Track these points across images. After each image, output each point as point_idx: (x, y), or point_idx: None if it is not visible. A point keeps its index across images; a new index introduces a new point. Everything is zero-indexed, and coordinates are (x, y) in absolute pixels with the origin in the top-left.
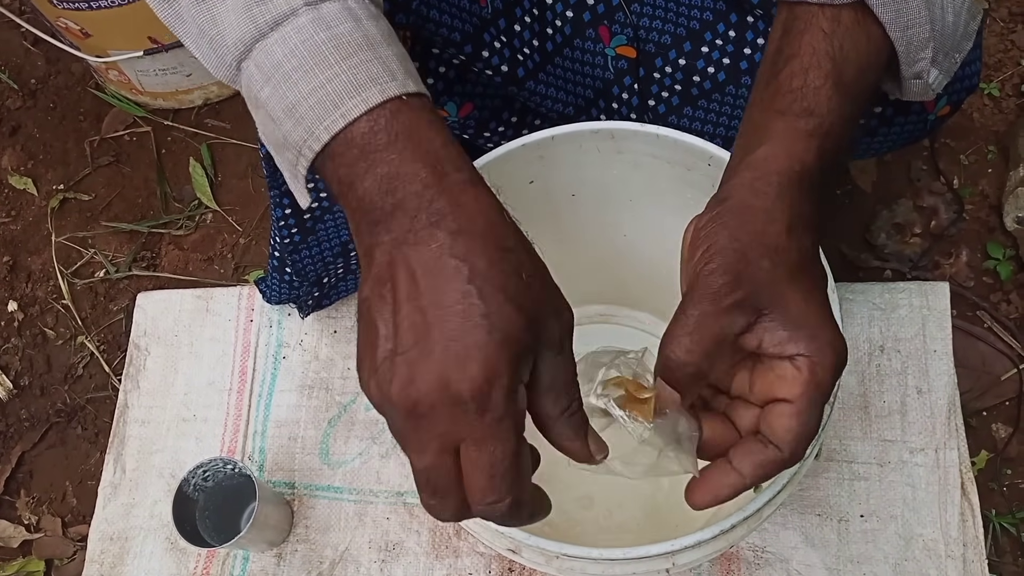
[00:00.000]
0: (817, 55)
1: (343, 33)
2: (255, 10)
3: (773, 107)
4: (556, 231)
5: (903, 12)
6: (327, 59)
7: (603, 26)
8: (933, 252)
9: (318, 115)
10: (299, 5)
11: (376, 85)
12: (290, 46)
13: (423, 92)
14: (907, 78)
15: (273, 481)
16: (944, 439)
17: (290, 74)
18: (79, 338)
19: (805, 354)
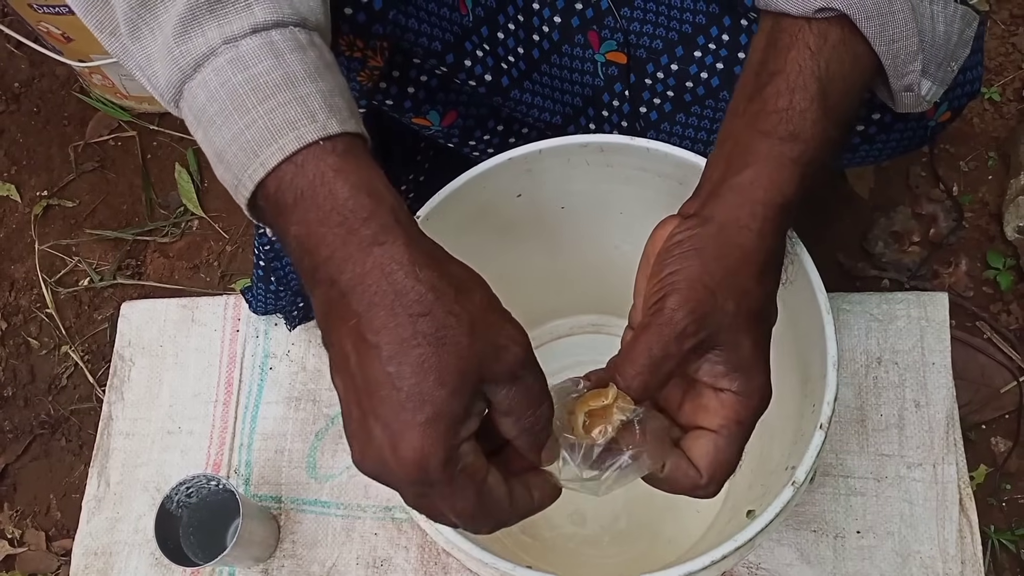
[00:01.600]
0: (803, 75)
1: (261, 72)
2: (176, 52)
3: (757, 126)
4: (546, 243)
5: (888, 25)
6: (244, 103)
7: (592, 31)
8: (932, 261)
9: (241, 163)
10: (218, 44)
11: (293, 130)
12: (210, 89)
13: (348, 130)
14: (897, 91)
15: (259, 495)
16: (942, 454)
17: (213, 119)
18: (63, 348)
19: (734, 391)
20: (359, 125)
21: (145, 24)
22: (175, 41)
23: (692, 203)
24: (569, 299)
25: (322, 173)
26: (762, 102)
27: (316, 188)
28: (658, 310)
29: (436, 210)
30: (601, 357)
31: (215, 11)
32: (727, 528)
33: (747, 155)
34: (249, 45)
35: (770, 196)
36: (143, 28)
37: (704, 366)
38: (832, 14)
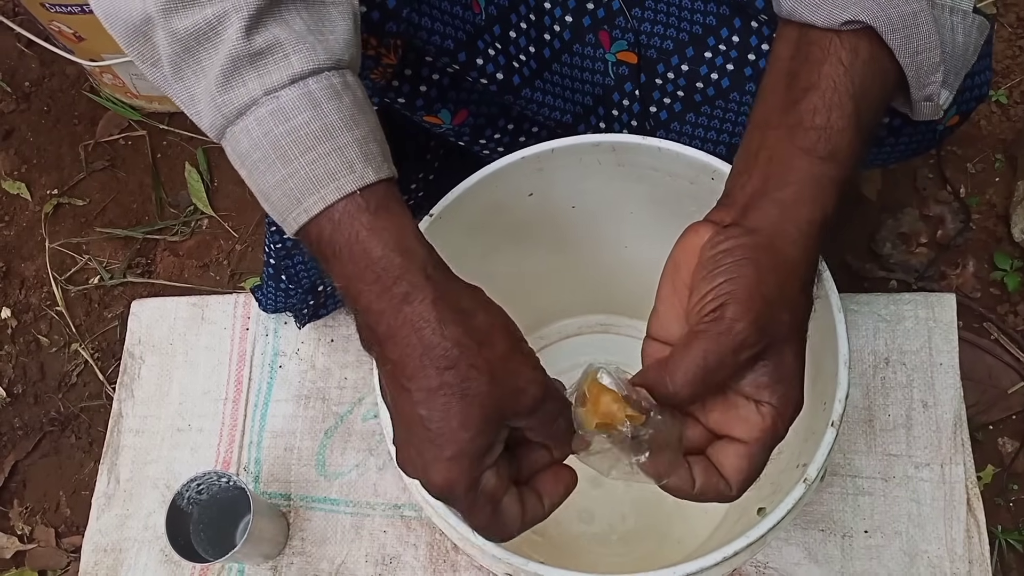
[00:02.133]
0: (839, 93)
1: (301, 125)
2: (219, 100)
3: (796, 142)
4: (556, 242)
5: (913, 37)
6: (287, 154)
7: (603, 31)
8: (939, 262)
9: (285, 207)
10: (259, 95)
11: (333, 181)
12: (254, 138)
13: (382, 176)
14: (917, 101)
15: (269, 493)
16: (950, 454)
17: (257, 164)
18: (73, 345)
19: (774, 405)
20: (391, 167)
21: (189, 68)
22: (218, 90)
23: (726, 212)
24: (578, 298)
25: (357, 232)
26: (798, 117)
27: (352, 246)
28: (716, 319)
29: (449, 208)
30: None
31: (255, 63)
32: (736, 527)
33: (788, 172)
34: (288, 96)
35: (814, 214)
36: (187, 71)
37: (748, 377)
38: (858, 26)
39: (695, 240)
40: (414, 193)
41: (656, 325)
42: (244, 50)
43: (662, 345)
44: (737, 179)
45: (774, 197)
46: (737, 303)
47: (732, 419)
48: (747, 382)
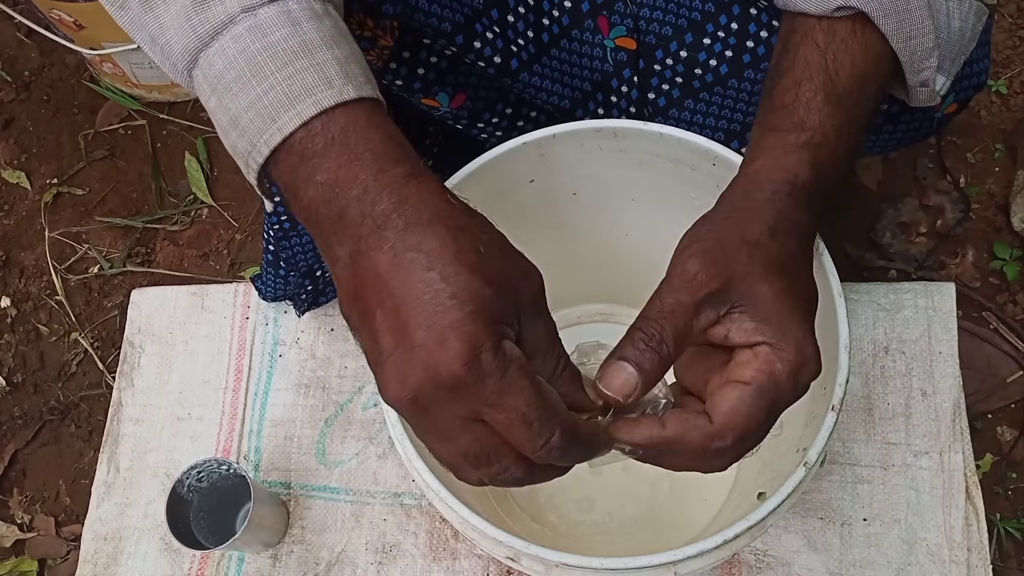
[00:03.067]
0: (810, 68)
1: (279, 40)
2: (195, 19)
3: (767, 124)
4: (557, 229)
5: (905, 22)
6: (263, 70)
7: (602, 16)
8: (939, 252)
9: (258, 128)
10: (236, 12)
11: (310, 96)
12: (228, 56)
13: (364, 95)
14: (913, 86)
15: (269, 481)
16: (949, 442)
17: (230, 86)
18: (73, 335)
19: (768, 342)
20: (375, 91)
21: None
22: (193, 9)
23: None
24: (578, 287)
25: (355, 120)
26: (771, 102)
27: (348, 133)
28: (671, 267)
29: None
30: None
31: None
32: (735, 514)
33: (757, 151)
34: (267, 13)
35: (778, 175)
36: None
37: (732, 327)
38: (851, 12)
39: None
40: None
41: None
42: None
43: None
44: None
45: (740, 175)
46: (693, 255)
47: (733, 367)
48: (735, 332)
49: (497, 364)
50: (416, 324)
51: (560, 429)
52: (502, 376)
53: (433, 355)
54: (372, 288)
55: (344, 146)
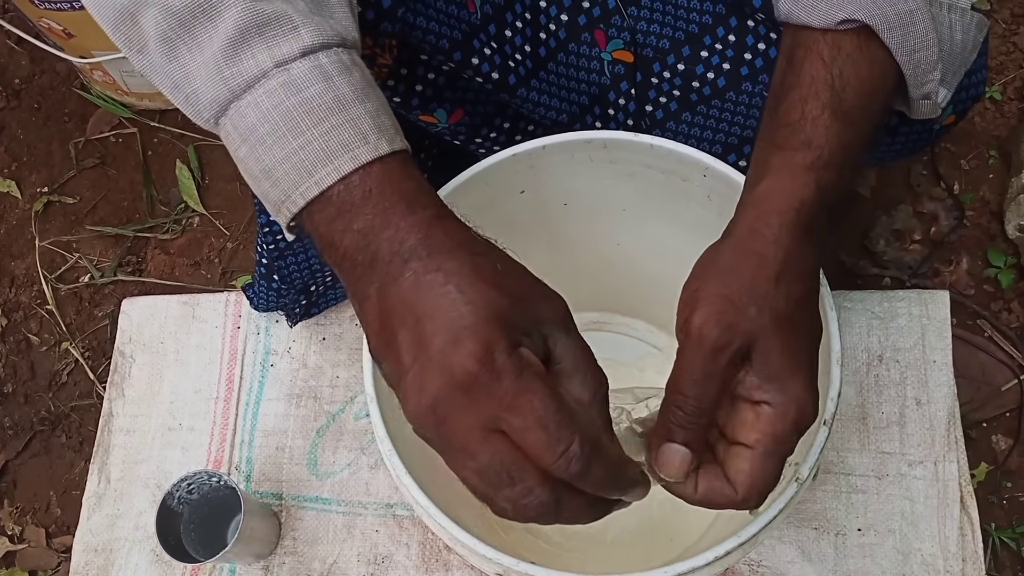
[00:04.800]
0: (816, 84)
1: (313, 96)
2: (226, 72)
3: (773, 141)
4: (548, 240)
5: (910, 35)
6: (299, 125)
7: (599, 30)
8: (933, 259)
9: (293, 181)
10: (269, 67)
11: (348, 152)
12: (263, 110)
13: (397, 148)
14: (916, 99)
15: (260, 492)
16: (943, 451)
17: (264, 138)
18: (63, 344)
19: (769, 403)
20: (404, 141)
21: (184, 44)
22: (225, 62)
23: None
24: (570, 296)
25: (389, 173)
26: (777, 118)
27: (384, 185)
28: (686, 331)
29: None
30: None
31: (264, 34)
32: (729, 526)
33: (763, 170)
34: (300, 68)
35: (784, 203)
36: (181, 48)
37: (744, 379)
38: (855, 25)
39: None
40: None
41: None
42: (252, 20)
43: None
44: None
45: (748, 199)
46: (700, 309)
47: (737, 424)
48: (744, 385)
49: (512, 364)
50: (433, 333)
51: (580, 437)
52: (518, 376)
53: (448, 358)
54: (395, 314)
55: (380, 196)
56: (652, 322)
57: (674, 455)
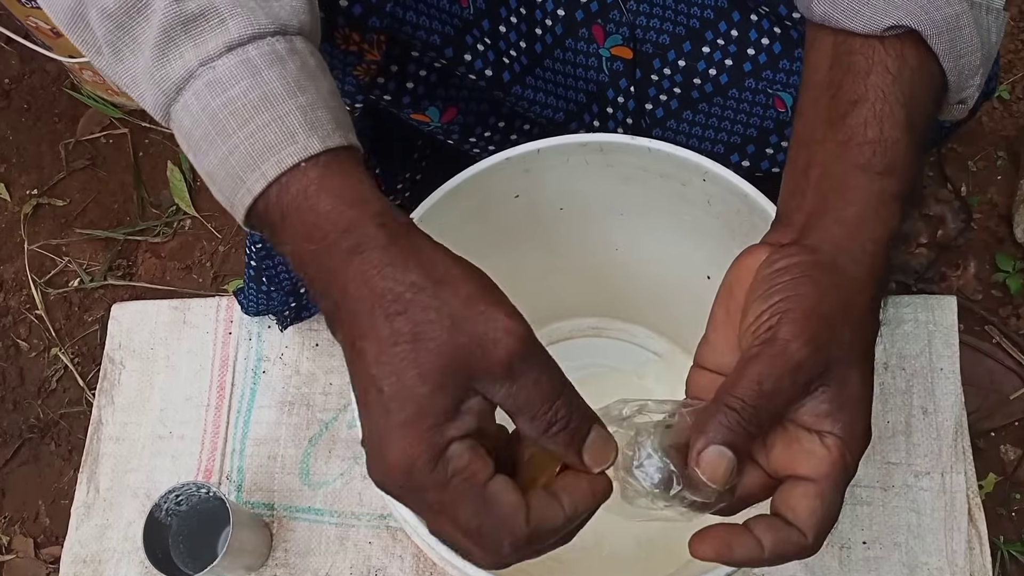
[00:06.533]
0: (889, 103)
1: (239, 95)
2: (157, 75)
3: (851, 159)
4: (545, 244)
5: (956, 41)
6: (225, 128)
7: (597, 25)
8: (940, 263)
9: (231, 188)
10: (195, 66)
11: (273, 155)
12: (193, 114)
13: (331, 146)
14: (952, 103)
15: (252, 502)
16: (951, 462)
17: (199, 143)
18: (53, 350)
19: (839, 435)
20: (345, 136)
21: (126, 46)
22: (154, 65)
23: (783, 232)
24: (569, 301)
25: (304, 189)
26: (848, 131)
27: (299, 204)
28: (769, 339)
29: (431, 211)
30: (602, 360)
31: (190, 31)
32: None
33: (847, 190)
34: (226, 65)
35: (879, 233)
36: (124, 50)
37: (807, 405)
38: (901, 31)
39: (750, 262)
40: (400, 193)
41: (707, 353)
42: (175, 17)
43: (712, 375)
44: (790, 200)
45: (836, 216)
46: (792, 322)
47: (796, 455)
48: (807, 411)
49: (434, 479)
50: (368, 421)
51: (510, 541)
52: (443, 490)
53: (378, 460)
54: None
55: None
56: (652, 328)
57: (721, 457)
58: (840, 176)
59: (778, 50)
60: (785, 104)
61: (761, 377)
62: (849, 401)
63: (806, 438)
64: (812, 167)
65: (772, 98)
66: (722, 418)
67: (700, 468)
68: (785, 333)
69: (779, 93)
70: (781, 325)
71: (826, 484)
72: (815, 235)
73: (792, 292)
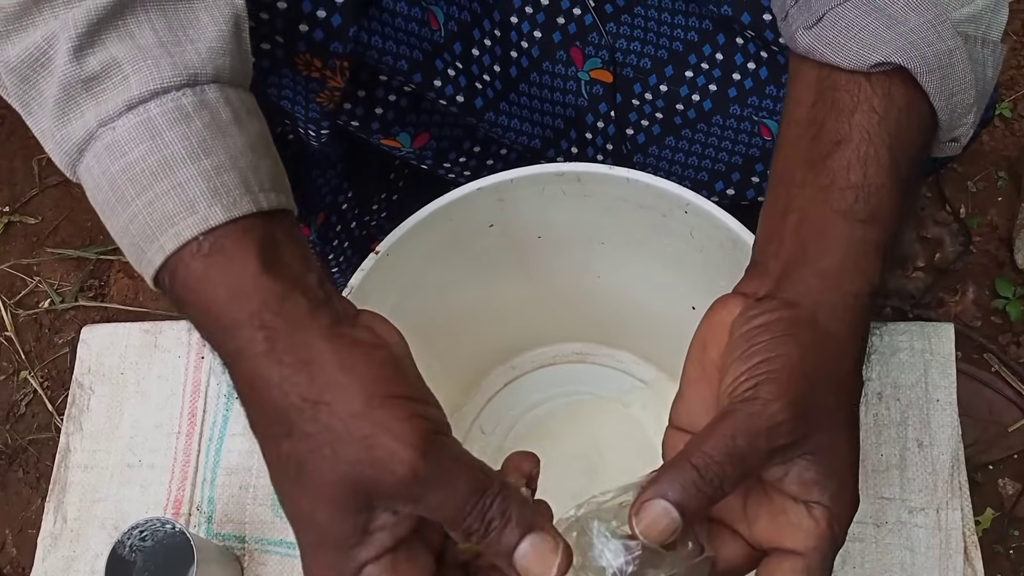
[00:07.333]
0: (874, 145)
1: (137, 160)
2: (58, 135)
3: (831, 204)
4: (523, 273)
5: (948, 79)
6: (124, 196)
7: (575, 48)
8: (937, 288)
9: (135, 258)
10: (94, 127)
11: (172, 227)
12: (94, 177)
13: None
14: (943, 142)
15: (222, 534)
16: (946, 498)
17: (102, 208)
18: (22, 373)
19: (827, 505)
20: (257, 199)
21: (33, 100)
22: (55, 124)
23: (758, 282)
24: (551, 328)
25: (185, 283)
26: (830, 175)
27: (186, 298)
28: (748, 399)
29: (399, 243)
30: (586, 388)
31: (91, 88)
32: None
33: (826, 238)
34: (124, 126)
35: (859, 286)
36: (32, 104)
37: (792, 473)
38: (889, 68)
39: (724, 316)
40: (376, 214)
41: (681, 413)
42: (75, 75)
43: (688, 436)
44: (767, 246)
45: (814, 267)
46: (774, 382)
47: (782, 527)
48: (792, 480)
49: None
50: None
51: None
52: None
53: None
54: None
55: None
56: (637, 353)
57: (663, 515)
58: (820, 223)
59: (764, 75)
60: (771, 132)
61: (736, 432)
62: (838, 469)
63: (792, 509)
64: (791, 211)
65: (758, 125)
66: (679, 474)
67: (636, 519)
68: (766, 393)
69: (765, 120)
70: (762, 385)
71: (814, 558)
72: (792, 288)
73: (773, 352)
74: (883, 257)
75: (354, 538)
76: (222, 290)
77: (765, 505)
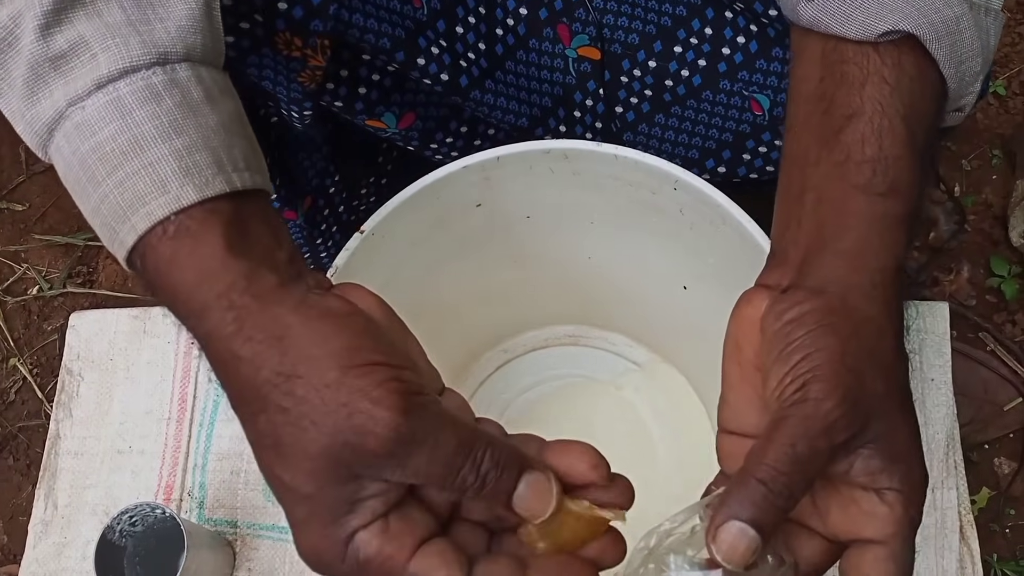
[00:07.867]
0: (888, 116)
1: (107, 139)
2: (28, 115)
3: (848, 179)
4: (512, 253)
5: (958, 45)
6: (95, 176)
7: (562, 24)
8: (931, 267)
9: (107, 238)
10: (63, 107)
11: (143, 206)
12: (65, 157)
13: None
14: (949, 111)
15: (214, 520)
16: (942, 477)
17: (73, 187)
18: (11, 360)
19: (898, 489)
20: (231, 178)
21: (2, 80)
22: (25, 105)
23: (780, 272)
24: (542, 310)
25: (155, 267)
26: (844, 150)
27: (157, 282)
28: (799, 401)
29: (384, 223)
30: (579, 370)
31: (59, 67)
32: None
33: (845, 216)
34: (94, 105)
35: (884, 262)
36: (1, 85)
37: (857, 464)
38: (897, 36)
39: (751, 312)
40: (364, 198)
41: (729, 417)
42: (42, 54)
43: (740, 439)
44: (784, 231)
45: (836, 248)
46: (821, 380)
47: (856, 517)
48: (859, 470)
49: (348, 570)
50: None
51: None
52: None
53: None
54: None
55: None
56: (630, 335)
57: (741, 536)
58: (838, 200)
59: (754, 49)
60: (762, 107)
61: (794, 439)
62: (901, 451)
63: (864, 498)
64: (806, 192)
65: (748, 100)
66: (747, 492)
67: (715, 545)
68: (816, 392)
69: (755, 95)
70: (810, 385)
71: (895, 544)
72: (816, 274)
73: (812, 348)
74: (907, 231)
75: (344, 507)
76: (190, 273)
77: (834, 497)
